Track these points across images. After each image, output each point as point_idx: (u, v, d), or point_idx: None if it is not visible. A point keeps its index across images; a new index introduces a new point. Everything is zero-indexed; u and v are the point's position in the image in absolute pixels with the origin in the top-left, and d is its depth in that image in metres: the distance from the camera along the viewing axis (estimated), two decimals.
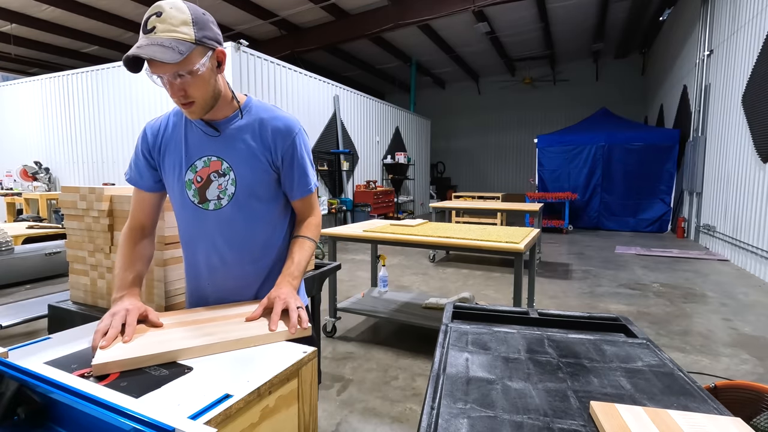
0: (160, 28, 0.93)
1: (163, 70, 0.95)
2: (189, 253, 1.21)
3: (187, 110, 1.04)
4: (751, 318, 3.62)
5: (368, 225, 3.56)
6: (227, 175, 1.12)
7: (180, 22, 0.94)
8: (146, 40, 0.93)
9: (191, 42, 0.95)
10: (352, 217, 9.20)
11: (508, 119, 15.65)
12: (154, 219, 1.22)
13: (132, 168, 1.19)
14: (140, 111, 7.31)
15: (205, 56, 0.99)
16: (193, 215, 1.15)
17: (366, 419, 2.16)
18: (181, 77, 0.98)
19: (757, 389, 1.32)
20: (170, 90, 1.00)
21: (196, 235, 1.17)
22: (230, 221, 1.15)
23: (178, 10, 0.95)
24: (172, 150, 1.15)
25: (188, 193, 1.14)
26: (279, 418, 0.81)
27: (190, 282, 1.24)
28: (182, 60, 0.93)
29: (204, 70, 0.99)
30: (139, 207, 1.19)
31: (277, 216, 1.21)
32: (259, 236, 1.18)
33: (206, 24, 0.99)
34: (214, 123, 1.13)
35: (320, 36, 9.98)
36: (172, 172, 1.15)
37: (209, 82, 1.03)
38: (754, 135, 5.22)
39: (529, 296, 3.38)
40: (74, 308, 1.65)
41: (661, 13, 9.58)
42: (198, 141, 1.14)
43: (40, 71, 12.49)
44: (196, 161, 1.13)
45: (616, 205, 9.06)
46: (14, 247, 4.45)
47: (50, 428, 0.64)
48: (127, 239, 1.17)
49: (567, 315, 1.29)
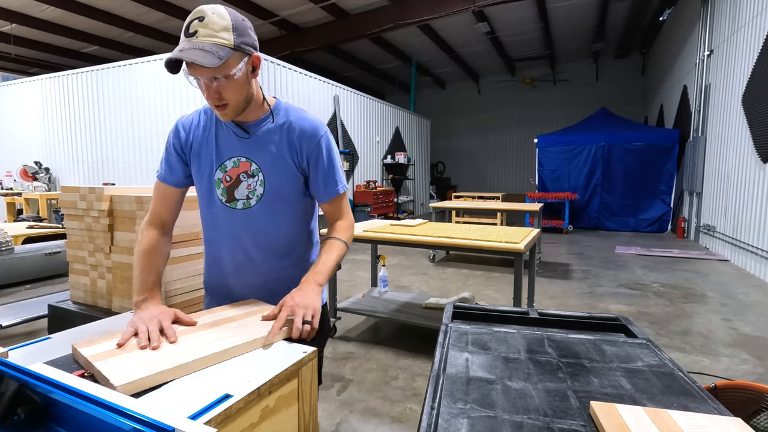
0: (202, 33, 0.96)
1: (201, 73, 0.99)
2: (213, 251, 1.23)
3: (220, 112, 1.07)
4: (751, 318, 3.62)
5: (368, 225, 3.56)
6: (256, 176, 1.15)
7: (221, 27, 0.97)
8: (188, 44, 0.96)
9: (230, 47, 0.98)
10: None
11: (508, 119, 15.66)
12: (175, 215, 1.24)
13: (163, 165, 1.20)
14: (140, 111, 7.31)
15: (242, 61, 1.02)
16: (221, 214, 1.18)
17: (366, 419, 2.16)
18: (217, 80, 1.00)
19: (757, 389, 1.32)
20: (206, 92, 1.02)
21: (222, 233, 1.20)
22: (257, 221, 1.17)
23: (220, 16, 0.98)
24: (203, 148, 1.18)
25: (217, 191, 1.17)
26: (279, 418, 0.81)
27: (213, 278, 1.26)
28: (221, 65, 0.96)
29: (240, 74, 1.02)
30: (162, 202, 1.20)
31: (301, 216, 1.24)
32: (284, 235, 1.21)
33: (245, 30, 1.02)
34: (245, 125, 1.16)
35: (320, 36, 9.99)
36: (203, 169, 1.18)
37: (244, 86, 1.06)
38: (754, 135, 5.22)
39: (529, 296, 3.38)
40: (74, 308, 1.65)
41: (661, 13, 9.58)
42: (228, 141, 1.17)
43: (40, 71, 12.49)
44: (226, 161, 1.16)
45: (616, 205, 9.06)
46: (14, 247, 4.45)
47: (50, 428, 0.64)
48: (148, 236, 1.17)
49: (567, 315, 1.29)
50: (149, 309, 1.01)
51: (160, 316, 0.97)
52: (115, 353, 0.83)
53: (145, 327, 0.92)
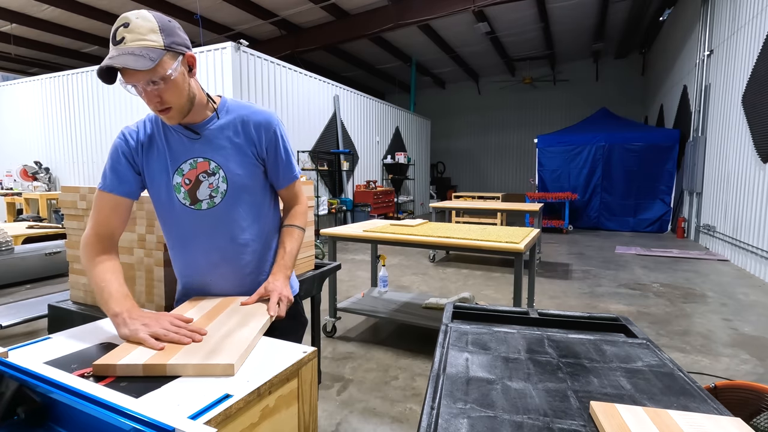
0: (129, 38, 0.96)
1: (136, 79, 0.98)
2: (184, 254, 1.22)
3: (165, 116, 1.07)
4: (751, 318, 3.62)
5: (368, 225, 3.56)
6: (216, 173, 1.15)
7: (147, 30, 0.97)
8: (117, 51, 0.96)
9: (161, 48, 0.98)
10: (352, 217, 9.20)
11: (508, 119, 15.65)
12: (124, 227, 1.18)
13: (108, 175, 1.14)
14: (140, 111, 7.30)
15: (176, 61, 1.02)
16: (186, 217, 1.17)
17: (366, 419, 2.16)
18: (155, 84, 1.00)
19: (757, 389, 1.32)
20: (146, 98, 1.03)
21: (192, 236, 1.18)
22: (225, 217, 1.18)
23: (145, 19, 0.98)
24: (155, 156, 1.16)
25: (178, 196, 1.15)
26: (279, 418, 0.81)
27: (188, 278, 1.24)
28: (154, 66, 0.96)
29: (176, 75, 1.02)
30: (112, 214, 1.13)
31: (268, 207, 1.26)
32: (254, 228, 1.22)
33: (173, 30, 1.02)
34: (193, 126, 1.15)
35: (320, 36, 9.98)
36: (159, 177, 1.16)
37: (183, 86, 1.05)
38: (754, 135, 5.22)
39: (529, 296, 3.38)
40: (74, 308, 1.65)
41: (661, 13, 9.59)
42: (180, 144, 1.16)
43: (40, 71, 12.49)
44: (182, 164, 1.15)
45: (616, 205, 9.05)
46: (14, 247, 4.45)
47: (50, 428, 0.64)
48: (98, 249, 1.10)
49: (567, 315, 1.29)
50: (143, 313, 0.98)
51: (163, 316, 0.97)
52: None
53: (162, 329, 0.91)
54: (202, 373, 0.80)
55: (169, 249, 1.25)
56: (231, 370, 0.79)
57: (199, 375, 0.79)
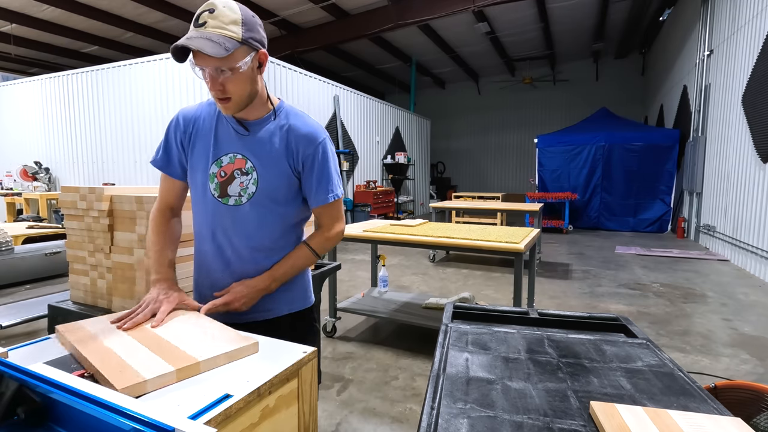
0: (211, 24, 0.98)
1: (206, 63, 0.99)
2: (203, 245, 1.22)
3: (222, 105, 1.07)
4: (751, 318, 3.62)
5: (368, 225, 3.56)
6: (250, 174, 1.15)
7: (230, 20, 0.99)
8: (196, 33, 0.97)
9: (238, 41, 0.99)
10: (352, 217, 9.20)
11: (508, 119, 15.66)
12: (182, 202, 1.27)
13: (161, 152, 1.21)
14: (140, 111, 7.31)
15: (249, 56, 1.03)
16: (212, 208, 1.17)
17: (366, 419, 2.16)
18: (223, 73, 1.01)
19: (757, 389, 1.32)
20: (210, 84, 1.03)
21: (213, 228, 1.19)
22: (247, 218, 1.17)
23: (230, 9, 0.99)
24: (201, 140, 1.18)
25: (210, 185, 1.16)
26: (279, 418, 0.81)
27: (201, 273, 1.25)
28: (227, 56, 0.97)
29: (245, 68, 1.03)
30: (168, 189, 1.23)
31: (292, 218, 1.23)
32: (274, 235, 1.20)
33: (254, 26, 1.04)
34: (246, 122, 1.15)
35: (320, 36, 9.98)
36: (199, 162, 1.17)
37: (248, 81, 1.06)
38: (754, 135, 5.22)
39: (529, 296, 3.38)
40: (74, 308, 1.65)
41: (661, 13, 9.59)
42: (227, 136, 1.16)
43: (40, 71, 12.49)
44: (223, 156, 1.16)
45: (616, 205, 9.06)
46: (14, 247, 4.45)
47: (50, 428, 0.64)
48: (160, 219, 1.22)
49: (567, 315, 1.29)
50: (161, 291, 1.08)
51: (163, 299, 1.05)
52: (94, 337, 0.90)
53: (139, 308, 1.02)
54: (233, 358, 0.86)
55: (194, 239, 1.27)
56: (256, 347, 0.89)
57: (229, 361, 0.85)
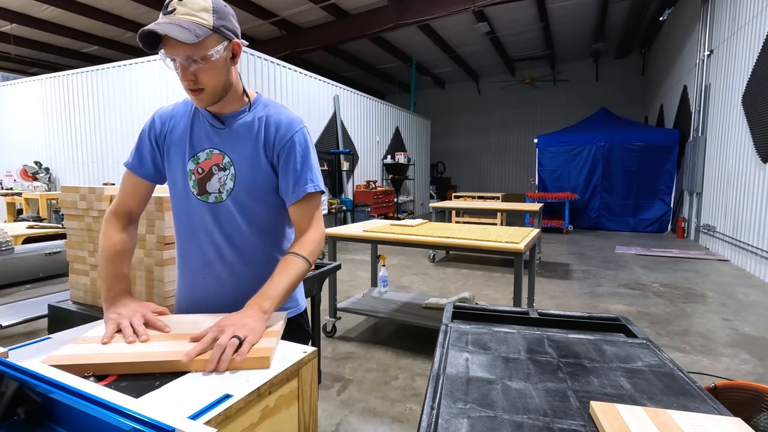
0: (180, 11, 0.95)
1: (177, 52, 0.96)
2: (185, 246, 1.18)
3: (195, 97, 1.04)
4: (751, 318, 3.62)
5: (368, 225, 3.56)
6: (228, 169, 1.11)
7: (200, 8, 0.96)
8: (165, 19, 0.95)
9: (209, 28, 0.97)
10: (352, 217, 9.20)
11: (508, 119, 15.65)
12: (142, 207, 1.21)
13: (133, 154, 1.17)
14: (140, 111, 7.30)
15: (221, 44, 1.00)
16: (193, 207, 1.14)
17: (366, 419, 2.16)
18: (195, 62, 0.98)
19: (757, 389, 1.32)
20: (181, 74, 0.99)
21: (195, 227, 1.15)
22: (228, 216, 1.13)
23: None
24: (177, 139, 1.15)
25: (189, 183, 1.13)
26: (279, 418, 0.81)
27: (183, 276, 1.20)
28: (197, 43, 0.94)
29: (217, 57, 1.00)
30: (131, 193, 1.17)
31: (276, 214, 1.17)
32: (255, 238, 1.15)
33: (226, 15, 1.01)
34: (221, 116, 1.12)
35: (320, 36, 9.98)
36: (177, 160, 1.14)
37: (221, 71, 1.03)
38: (754, 135, 5.22)
39: (529, 296, 3.38)
40: (74, 308, 1.65)
41: (661, 13, 9.59)
42: (203, 132, 1.13)
43: (40, 71, 12.49)
44: (199, 152, 1.13)
45: (616, 205, 9.06)
46: (14, 247, 4.45)
47: (50, 428, 0.64)
48: (114, 226, 1.14)
49: (567, 315, 1.29)
50: (127, 304, 1.02)
51: (140, 310, 0.99)
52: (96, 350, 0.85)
53: (127, 322, 0.94)
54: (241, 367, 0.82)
55: (176, 241, 1.22)
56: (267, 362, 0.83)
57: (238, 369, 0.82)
